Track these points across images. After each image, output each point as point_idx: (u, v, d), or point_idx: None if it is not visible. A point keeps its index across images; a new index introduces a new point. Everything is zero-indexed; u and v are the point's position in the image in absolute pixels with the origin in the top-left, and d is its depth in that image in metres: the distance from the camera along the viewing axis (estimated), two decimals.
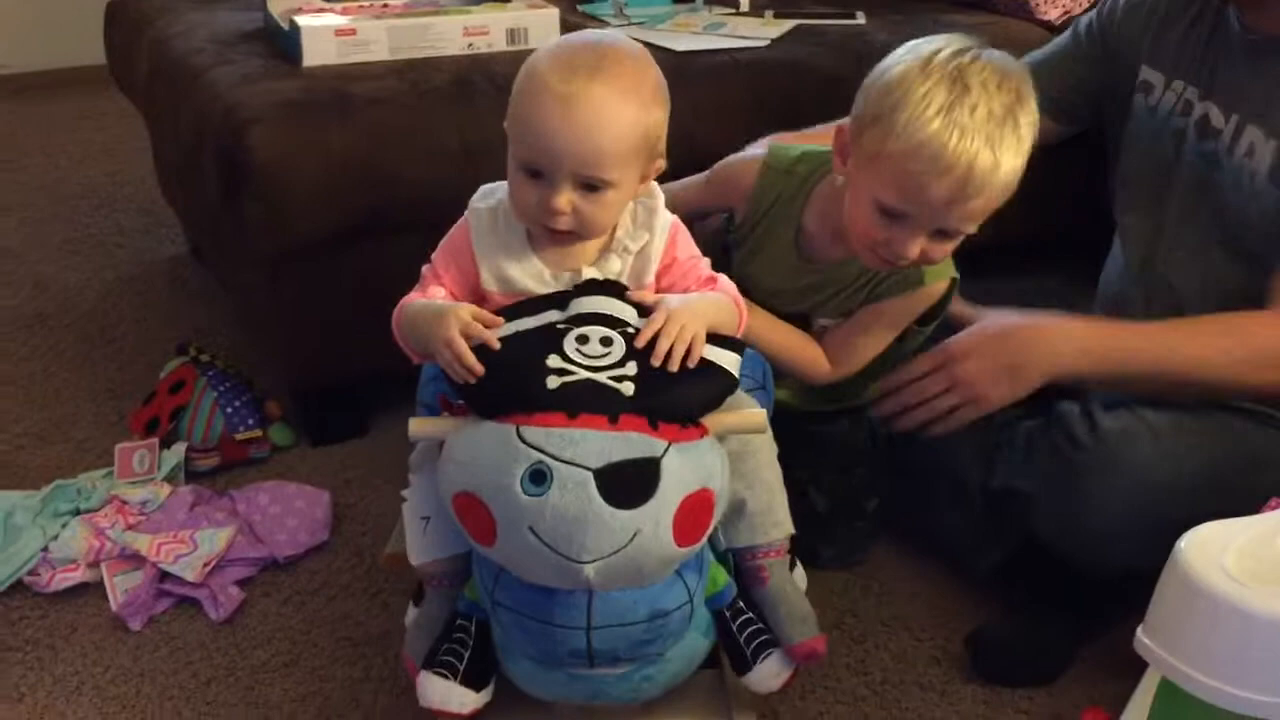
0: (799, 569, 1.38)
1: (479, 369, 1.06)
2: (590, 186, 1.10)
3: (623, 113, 1.08)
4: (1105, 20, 1.61)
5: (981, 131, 1.20)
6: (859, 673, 1.45)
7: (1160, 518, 1.13)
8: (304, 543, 1.61)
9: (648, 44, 1.19)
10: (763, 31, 2.04)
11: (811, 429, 1.55)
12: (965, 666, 1.44)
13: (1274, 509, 1.06)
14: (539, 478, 1.04)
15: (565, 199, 1.10)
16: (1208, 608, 0.95)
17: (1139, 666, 1.12)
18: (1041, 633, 1.43)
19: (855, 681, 1.43)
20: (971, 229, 1.28)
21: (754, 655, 1.21)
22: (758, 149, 1.49)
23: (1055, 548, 1.40)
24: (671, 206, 1.24)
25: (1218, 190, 1.44)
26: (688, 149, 1.34)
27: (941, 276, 1.39)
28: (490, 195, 1.19)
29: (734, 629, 1.22)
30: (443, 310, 1.10)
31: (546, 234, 1.15)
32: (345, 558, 1.61)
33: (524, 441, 1.05)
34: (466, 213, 1.19)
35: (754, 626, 1.23)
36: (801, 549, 1.34)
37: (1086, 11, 1.69)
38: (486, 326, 1.08)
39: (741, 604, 1.24)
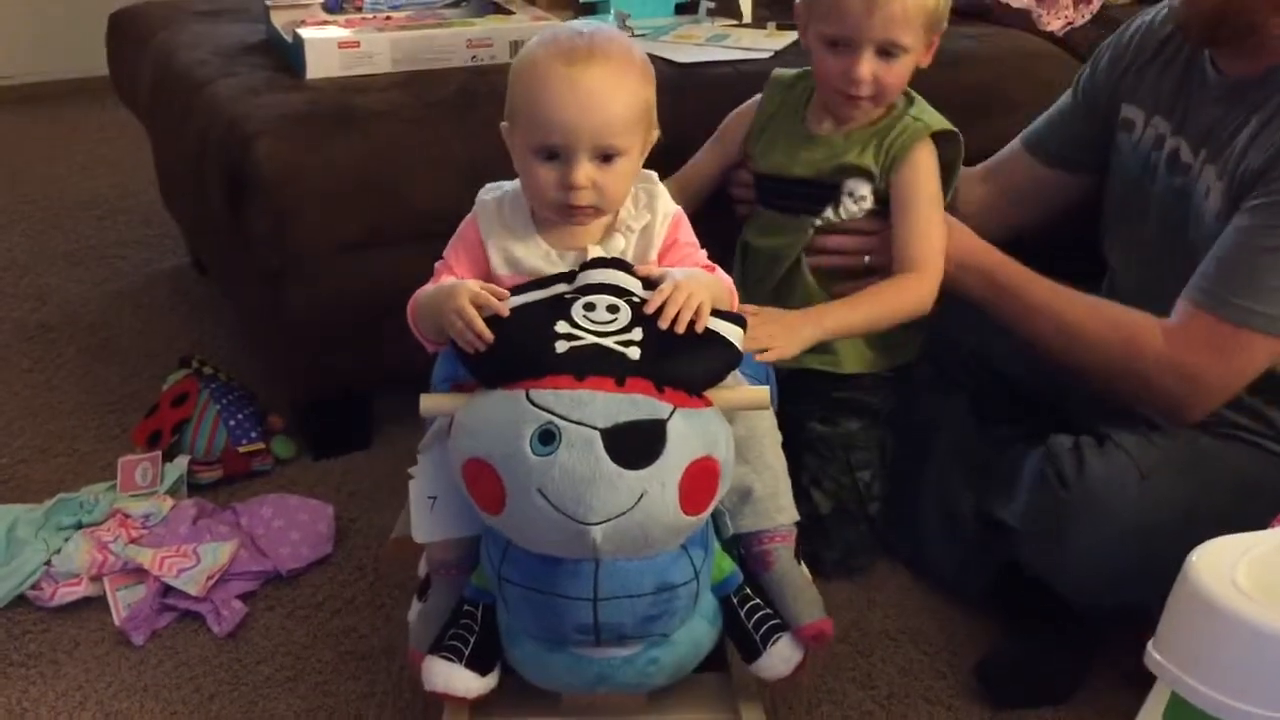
0: (803, 567, 1.37)
1: (489, 335, 1.11)
2: (605, 157, 1.17)
3: (625, 83, 1.17)
4: (1094, 72, 1.65)
5: None
6: (865, 686, 1.44)
7: (1150, 557, 1.14)
8: (307, 556, 1.60)
9: (651, 55, 1.21)
10: (765, 43, 2.04)
11: (821, 430, 1.57)
12: (972, 681, 1.44)
13: None
14: (548, 438, 1.06)
15: (584, 173, 1.16)
16: (1218, 622, 0.94)
17: (1148, 680, 1.12)
18: (1047, 654, 1.42)
19: (861, 695, 1.42)
20: (908, 42, 1.43)
21: (763, 640, 1.23)
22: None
23: (1045, 581, 1.41)
24: (692, 176, 1.60)
25: (1185, 226, 1.45)
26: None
27: (941, 124, 1.51)
28: (496, 188, 1.27)
29: (741, 615, 1.24)
30: (452, 287, 1.15)
31: (566, 214, 1.20)
32: (348, 571, 1.61)
33: (533, 403, 1.08)
34: (475, 206, 1.25)
35: (762, 612, 1.24)
36: (804, 555, 1.35)
37: (1084, 62, 1.72)
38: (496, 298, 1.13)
39: (748, 590, 1.25)
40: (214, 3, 2.26)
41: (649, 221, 1.23)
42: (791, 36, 2.09)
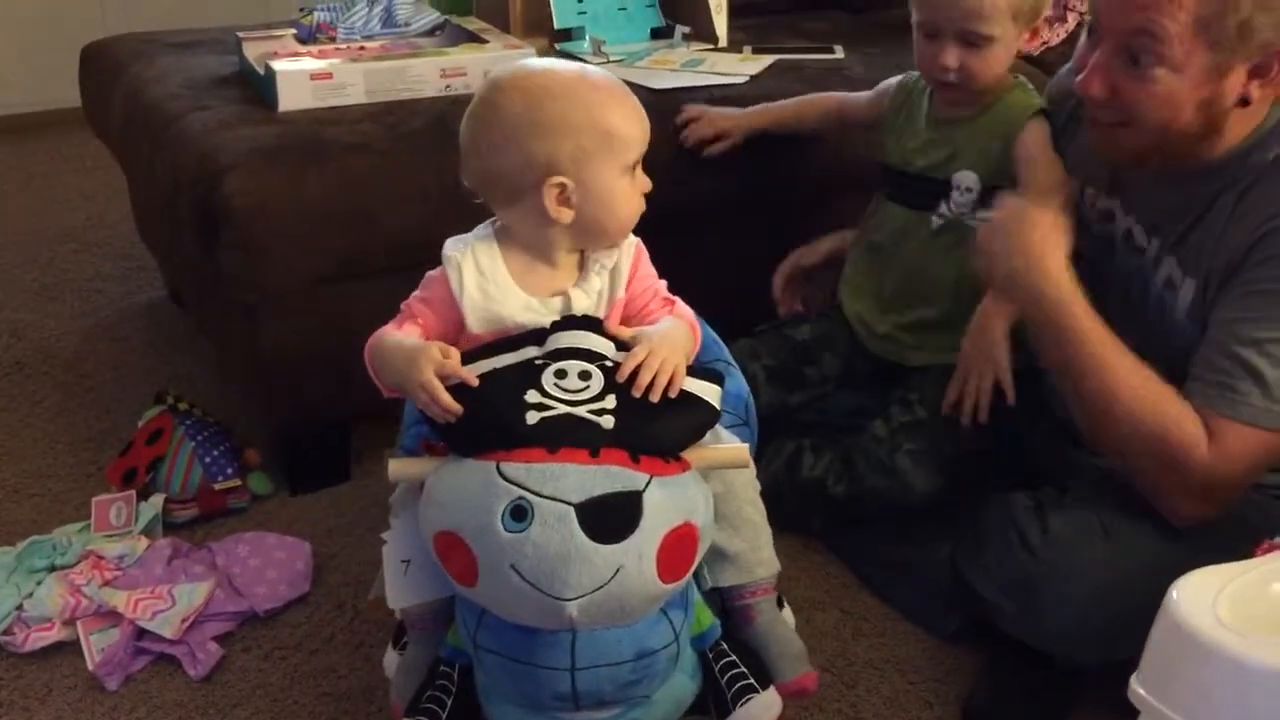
0: (786, 609, 1.36)
1: (457, 409, 1.07)
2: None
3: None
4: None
5: None
6: (851, 717, 1.42)
7: (1125, 610, 1.13)
8: (284, 595, 1.58)
9: (627, 82, 1.20)
10: (741, 68, 2.04)
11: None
12: (960, 709, 1.42)
13: (1266, 553, 1.04)
14: (520, 514, 1.03)
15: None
16: (1200, 656, 0.93)
17: (1133, 708, 1.11)
18: (1032, 691, 1.41)
19: None
20: (993, 31, 1.53)
21: (734, 700, 1.20)
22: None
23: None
24: (851, 109, 1.81)
25: (1145, 305, 1.40)
26: (670, 186, 1.34)
27: (1040, 102, 1.61)
28: (461, 242, 1.21)
29: (716, 672, 1.22)
30: (413, 352, 1.11)
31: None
32: (326, 610, 1.59)
33: (504, 478, 1.05)
34: (443, 264, 1.19)
35: (735, 670, 1.22)
36: (793, 516, 1.47)
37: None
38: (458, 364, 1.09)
39: (724, 646, 1.23)
40: (186, 35, 2.25)
41: (618, 258, 1.21)
42: (768, 60, 2.08)
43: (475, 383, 1.08)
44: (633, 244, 1.22)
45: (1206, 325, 1.31)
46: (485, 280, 1.17)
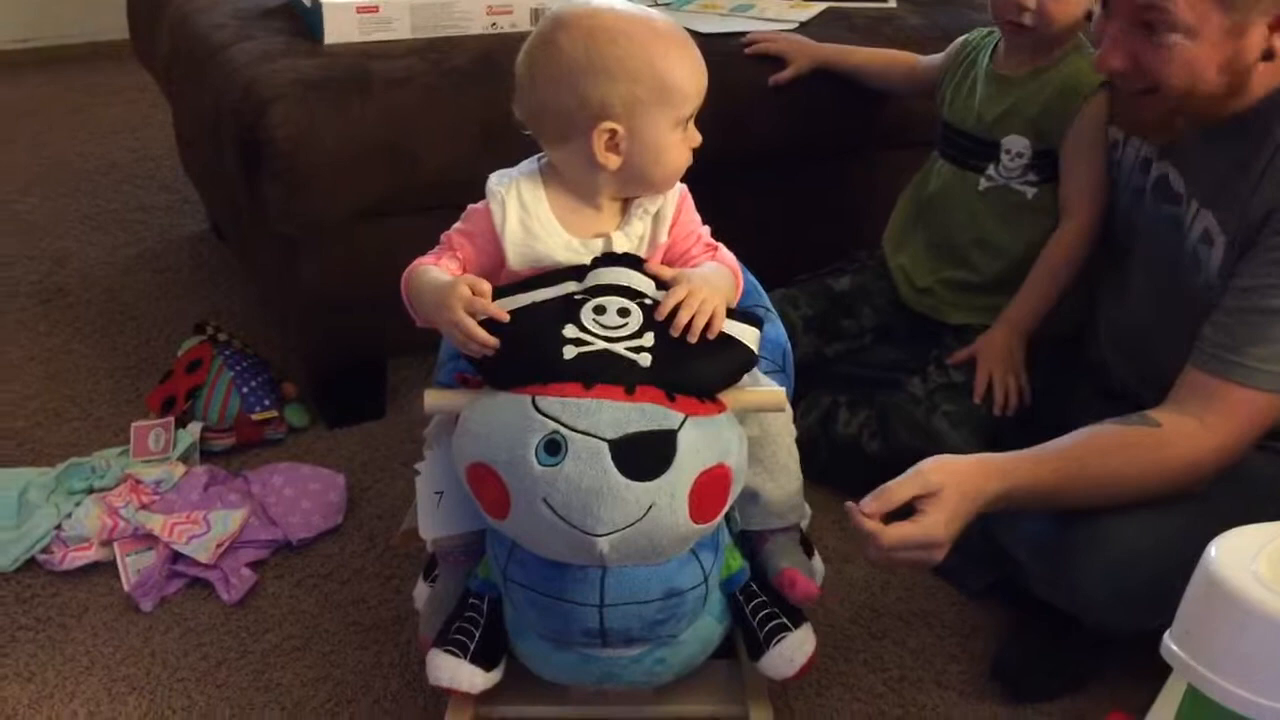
0: (816, 558, 1.36)
1: (492, 342, 1.07)
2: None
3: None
4: None
5: None
6: (876, 669, 1.42)
7: (1155, 580, 1.12)
8: (317, 526, 1.59)
9: None
10: (791, 14, 2.00)
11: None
12: (985, 664, 1.42)
13: None
14: (554, 448, 1.03)
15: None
16: (1238, 614, 0.92)
17: (1163, 669, 1.10)
18: (1059, 654, 1.40)
19: (873, 679, 1.41)
20: None
21: (767, 639, 1.20)
22: None
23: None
24: (923, 71, 1.79)
25: (1175, 264, 1.38)
26: (723, 130, 1.33)
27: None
28: (506, 176, 1.20)
29: (747, 612, 1.22)
30: (444, 291, 1.10)
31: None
32: (358, 542, 1.60)
33: (539, 411, 1.05)
34: (486, 198, 1.19)
35: (767, 610, 1.22)
36: (827, 471, 1.55)
37: None
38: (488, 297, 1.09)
39: (755, 587, 1.23)
40: None
41: (662, 204, 1.19)
42: (818, 8, 2.05)
43: (505, 318, 1.08)
44: (677, 190, 1.21)
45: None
46: (528, 216, 1.17)
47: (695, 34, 1.83)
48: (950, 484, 1.20)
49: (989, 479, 1.23)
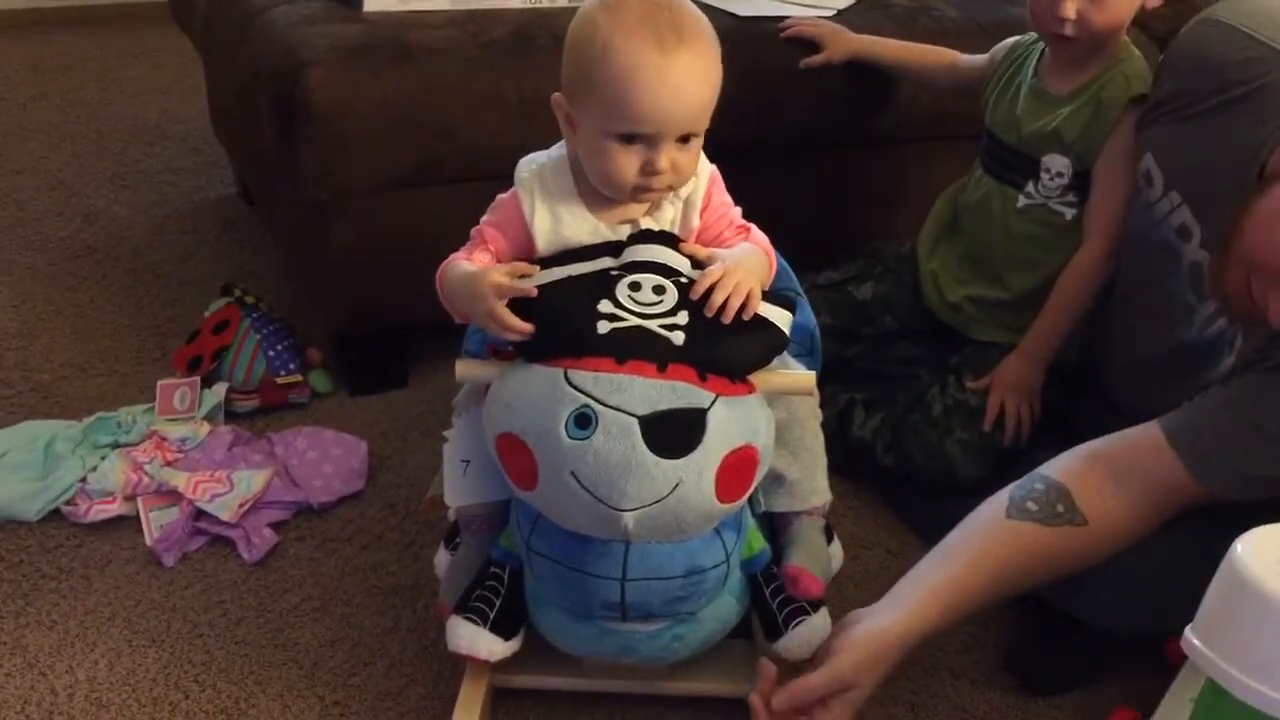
0: (835, 543, 1.36)
1: (527, 328, 1.07)
2: (684, 139, 1.11)
3: (713, 66, 1.11)
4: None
5: None
6: None
7: (1162, 589, 1.12)
8: (339, 490, 1.60)
9: (709, 6, 1.17)
10: (829, 1, 2.00)
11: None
12: (1000, 654, 1.42)
13: None
14: (584, 421, 1.04)
15: (667, 158, 1.10)
16: (1263, 611, 0.92)
17: (1172, 666, 1.11)
18: (1068, 651, 1.40)
19: None
20: None
21: (785, 622, 1.21)
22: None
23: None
24: (965, 70, 1.75)
25: (1155, 264, 1.38)
26: (758, 113, 1.32)
27: (1143, 85, 1.53)
28: (533, 162, 1.19)
29: (767, 594, 1.23)
30: (474, 283, 1.09)
31: (638, 195, 1.14)
32: (379, 508, 1.61)
33: (571, 385, 1.05)
34: (515, 185, 1.18)
35: (787, 593, 1.22)
36: (841, 468, 1.48)
37: None
38: (522, 275, 1.10)
39: (775, 570, 1.23)
40: None
41: (693, 188, 1.18)
42: None
43: (534, 294, 1.08)
44: (708, 171, 1.20)
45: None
46: (555, 203, 1.16)
47: (732, 16, 1.86)
48: (865, 680, 1.20)
49: (904, 645, 1.22)
